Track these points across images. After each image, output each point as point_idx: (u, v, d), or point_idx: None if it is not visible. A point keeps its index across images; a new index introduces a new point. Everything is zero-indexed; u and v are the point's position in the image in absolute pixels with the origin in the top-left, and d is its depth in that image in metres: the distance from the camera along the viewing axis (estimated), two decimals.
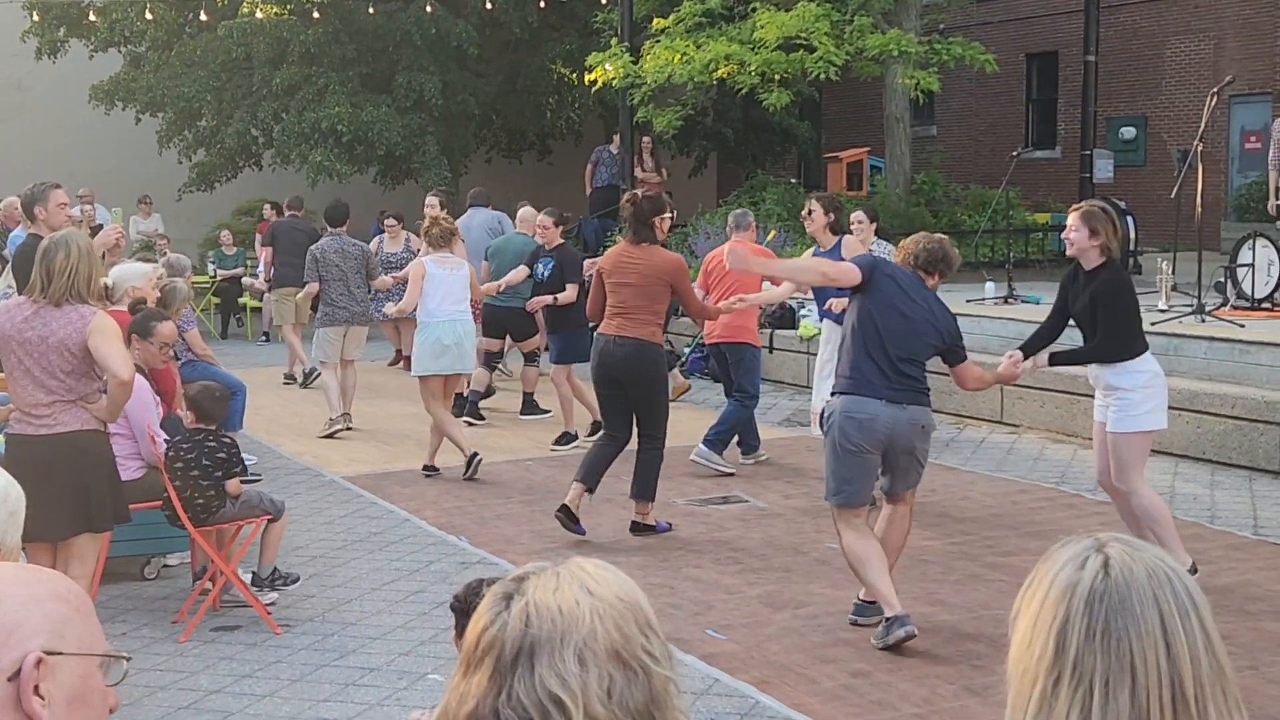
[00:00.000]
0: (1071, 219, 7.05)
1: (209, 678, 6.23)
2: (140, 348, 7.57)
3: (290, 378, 15.26)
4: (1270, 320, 11.45)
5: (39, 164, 20.14)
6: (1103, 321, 6.99)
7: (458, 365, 10.57)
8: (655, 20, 18.76)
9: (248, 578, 7.27)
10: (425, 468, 10.42)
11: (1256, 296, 12.33)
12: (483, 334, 12.42)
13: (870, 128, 23.84)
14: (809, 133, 26.66)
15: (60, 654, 1.70)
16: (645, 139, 20.38)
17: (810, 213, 9.68)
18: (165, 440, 7.22)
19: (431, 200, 13.84)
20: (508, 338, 12.80)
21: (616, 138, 20.69)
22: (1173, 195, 13.16)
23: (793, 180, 22.86)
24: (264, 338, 19.47)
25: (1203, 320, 11.39)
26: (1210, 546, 8.07)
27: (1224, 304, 12.20)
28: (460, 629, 3.75)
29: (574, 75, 23.47)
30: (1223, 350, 10.80)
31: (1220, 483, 9.77)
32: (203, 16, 21.54)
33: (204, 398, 7.10)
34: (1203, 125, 12.31)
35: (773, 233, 16.71)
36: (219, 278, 20.25)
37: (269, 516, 7.14)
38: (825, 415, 6.60)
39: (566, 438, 11.33)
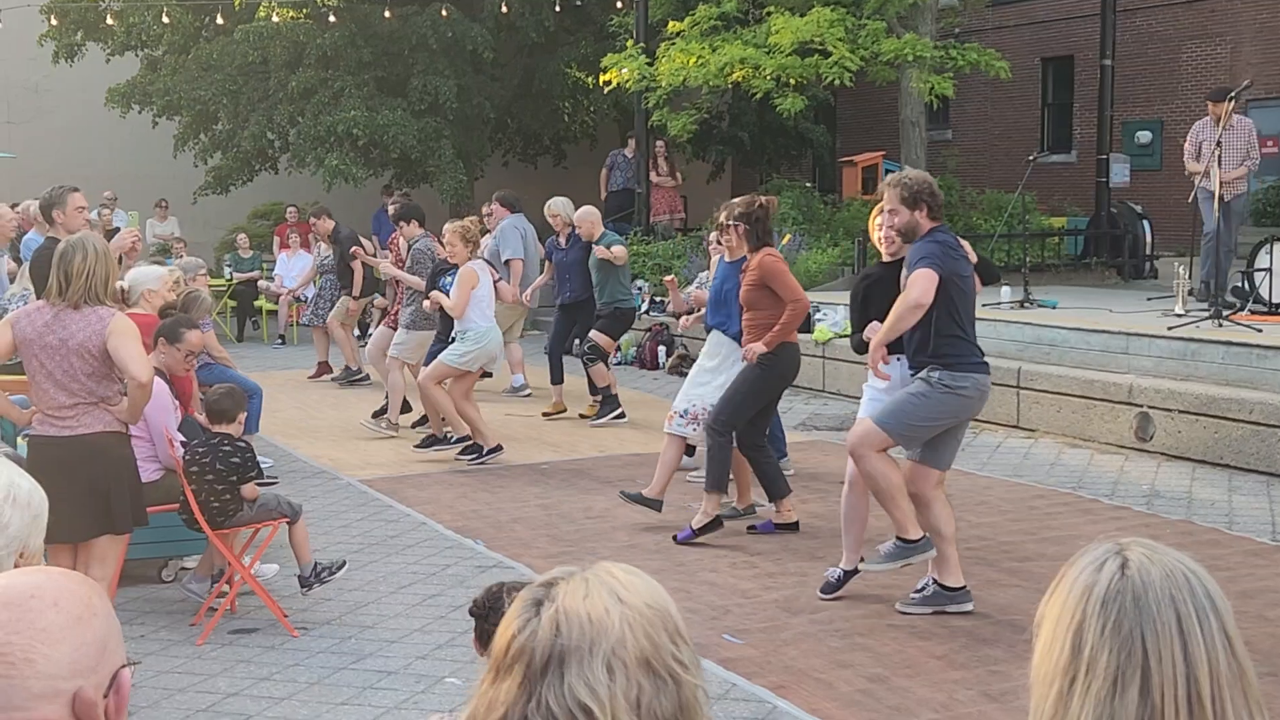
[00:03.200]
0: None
1: (227, 680, 6.24)
2: (166, 352, 7.59)
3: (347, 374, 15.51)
4: None
5: (56, 167, 20.24)
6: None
7: None
8: (670, 24, 18.77)
9: (271, 569, 7.31)
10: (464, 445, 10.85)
11: (1274, 301, 12.29)
12: (609, 332, 12.59)
13: (885, 132, 23.82)
14: (824, 137, 26.66)
15: (126, 665, 1.73)
16: (659, 143, 20.40)
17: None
18: (183, 443, 7.24)
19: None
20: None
21: (632, 141, 20.70)
22: (1189, 200, 13.14)
23: (808, 184, 22.85)
24: (280, 341, 19.52)
25: (1220, 325, 11.36)
26: (1228, 552, 8.05)
27: (1241, 308, 12.17)
28: (480, 633, 3.76)
29: (589, 79, 23.51)
30: (1240, 355, 10.77)
31: (1238, 488, 9.73)
32: (219, 20, 21.63)
33: (214, 397, 7.15)
34: (1220, 129, 12.29)
35: (787, 236, 16.72)
36: (235, 281, 20.29)
37: (286, 519, 7.15)
38: (961, 386, 6.76)
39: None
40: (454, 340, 10.82)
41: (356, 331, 16.14)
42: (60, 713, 1.65)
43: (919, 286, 6.59)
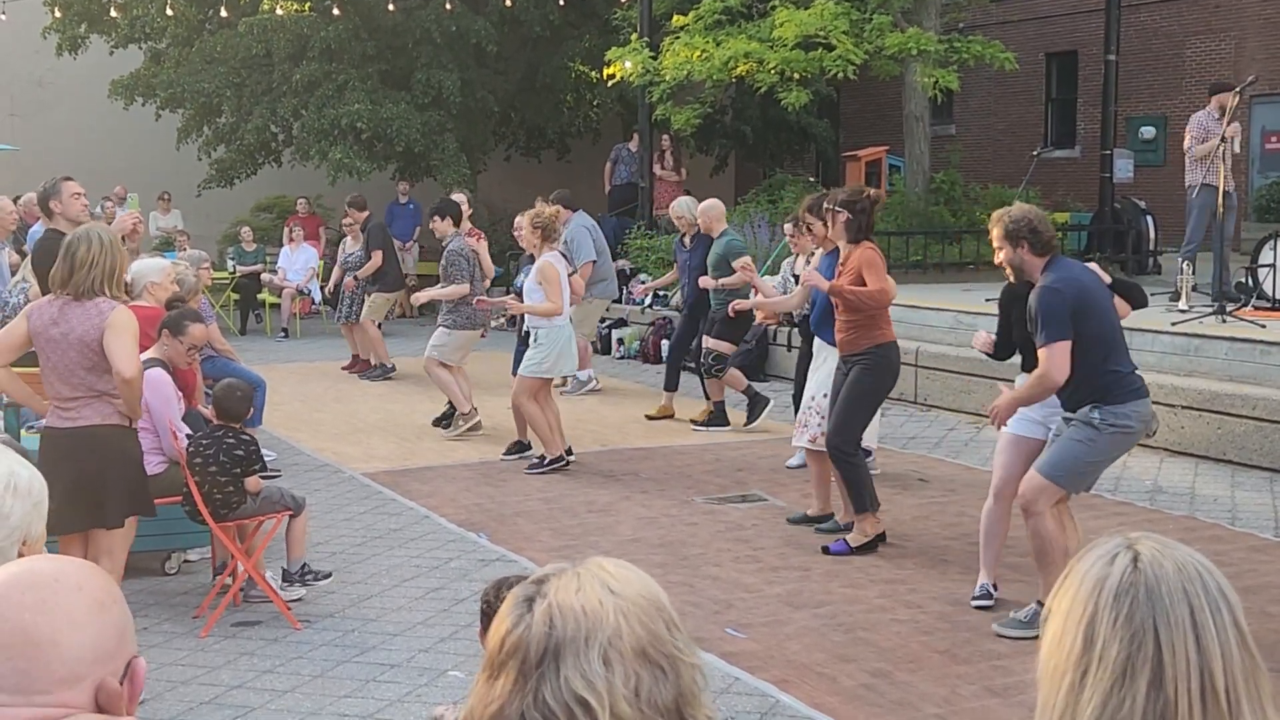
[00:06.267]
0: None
1: (230, 673, 6.25)
2: (169, 344, 7.58)
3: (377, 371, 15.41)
4: None
5: (60, 160, 20.18)
6: (1127, 293, 6.89)
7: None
8: (675, 17, 18.75)
9: (275, 574, 7.31)
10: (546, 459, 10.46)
11: (1277, 296, 12.27)
12: (739, 340, 12.08)
13: (889, 126, 23.79)
14: (827, 131, 26.63)
15: (137, 655, 1.73)
16: (665, 137, 20.38)
17: (810, 227, 9.18)
18: (187, 435, 7.24)
19: (461, 197, 12.95)
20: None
21: (636, 135, 20.68)
22: (1194, 195, 13.11)
23: (811, 179, 22.83)
24: (283, 334, 19.52)
25: (1224, 321, 11.35)
26: (1231, 548, 8.04)
27: (1245, 304, 12.15)
28: (485, 627, 3.75)
29: (593, 73, 23.49)
30: (1244, 351, 10.76)
31: (1241, 483, 9.73)
32: (223, 13, 21.60)
33: (227, 396, 7.12)
34: (1224, 125, 12.27)
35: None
36: (238, 274, 20.29)
37: (289, 512, 7.16)
38: (1127, 423, 6.39)
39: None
40: (529, 336, 10.49)
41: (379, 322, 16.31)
42: (80, 699, 1.64)
43: (1052, 364, 6.23)
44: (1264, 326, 10.97)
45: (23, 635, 1.62)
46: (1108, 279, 6.76)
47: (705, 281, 11.58)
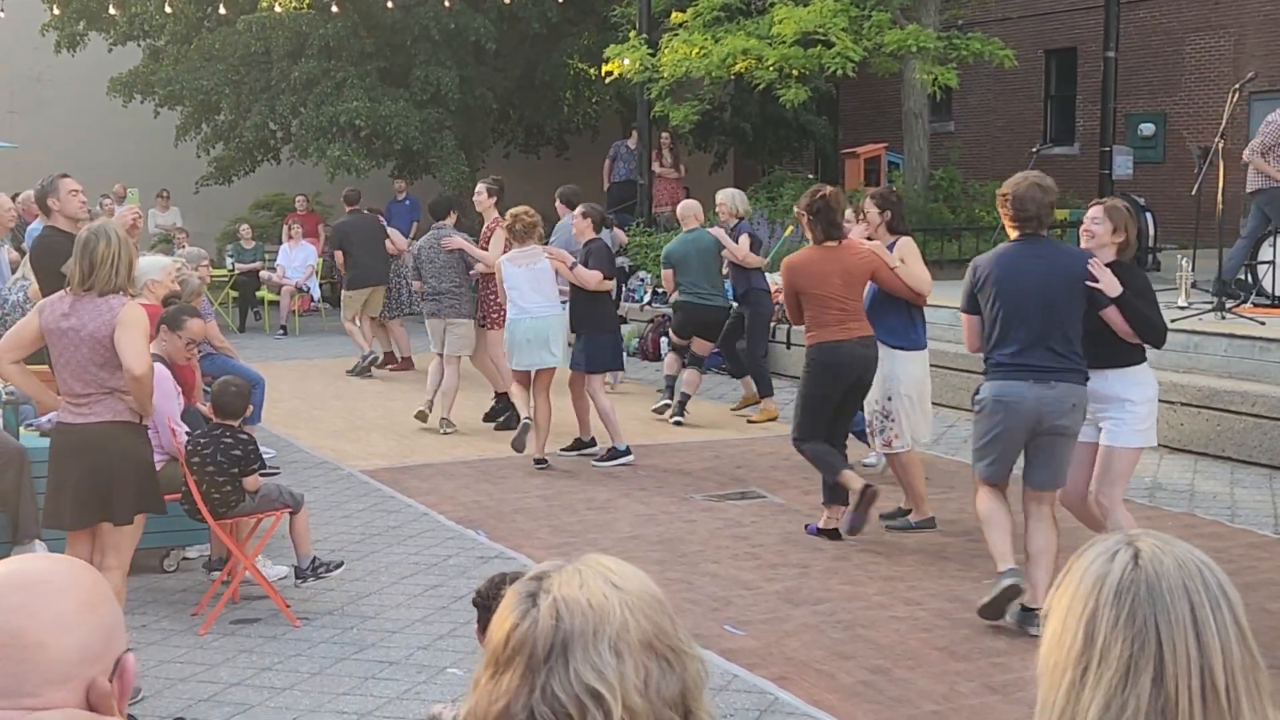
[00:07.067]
0: (1094, 212, 6.87)
1: (229, 670, 6.24)
2: (168, 339, 7.58)
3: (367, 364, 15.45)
4: None
5: (58, 157, 20.18)
6: (1135, 317, 6.81)
7: (546, 360, 10.37)
8: (673, 14, 18.74)
9: (281, 571, 7.31)
10: (537, 461, 10.38)
11: (1277, 293, 12.26)
12: (678, 332, 12.42)
13: (888, 123, 23.79)
14: (826, 128, 26.62)
15: (127, 650, 1.73)
16: (664, 134, 20.37)
17: (865, 214, 8.93)
18: (185, 432, 7.23)
19: (481, 189, 12.60)
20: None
21: (635, 132, 20.67)
22: (1193, 192, 13.07)
23: (810, 176, 22.82)
24: (282, 331, 19.51)
25: (1223, 318, 11.35)
26: (1230, 545, 8.04)
27: (1244, 301, 12.14)
28: (482, 624, 3.75)
29: (591, 70, 23.48)
30: (1243, 348, 10.76)
31: (1240, 480, 9.72)
32: (222, 10, 21.60)
33: (223, 393, 7.10)
34: (1224, 122, 12.25)
35: (790, 228, 16.70)
36: (237, 271, 20.29)
37: (288, 509, 7.15)
38: (977, 397, 6.75)
39: (613, 451, 10.60)
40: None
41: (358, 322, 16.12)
42: (70, 700, 1.64)
43: (964, 333, 6.88)
44: (1263, 324, 10.97)
45: (10, 637, 1.62)
46: (1115, 290, 6.55)
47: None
